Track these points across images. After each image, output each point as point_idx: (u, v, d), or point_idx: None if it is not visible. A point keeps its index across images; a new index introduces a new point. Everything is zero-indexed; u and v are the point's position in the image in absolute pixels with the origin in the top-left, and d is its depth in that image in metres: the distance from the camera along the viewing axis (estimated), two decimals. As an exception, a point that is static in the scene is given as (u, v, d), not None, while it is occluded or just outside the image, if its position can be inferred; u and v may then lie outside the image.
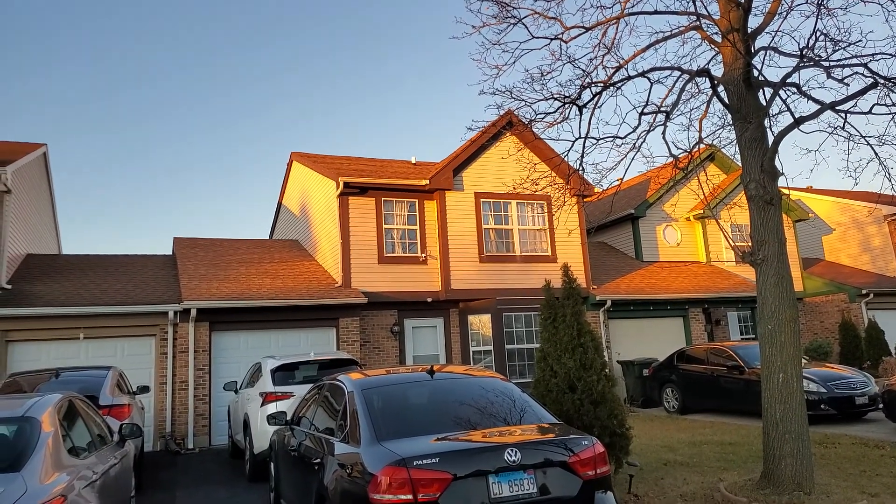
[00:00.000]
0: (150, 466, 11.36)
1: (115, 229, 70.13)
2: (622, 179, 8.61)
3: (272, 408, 9.36)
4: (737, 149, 7.88)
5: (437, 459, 4.49)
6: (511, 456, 4.59)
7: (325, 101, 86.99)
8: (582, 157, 8.24)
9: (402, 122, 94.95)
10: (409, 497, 4.37)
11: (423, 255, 16.49)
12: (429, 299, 16.38)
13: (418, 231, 16.65)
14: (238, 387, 12.06)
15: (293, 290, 15.23)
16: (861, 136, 7.55)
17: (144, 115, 69.76)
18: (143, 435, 8.13)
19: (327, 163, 18.38)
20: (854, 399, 12.54)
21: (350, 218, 15.99)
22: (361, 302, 15.16)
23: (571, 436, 5.01)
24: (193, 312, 13.82)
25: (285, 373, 10.22)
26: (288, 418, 7.28)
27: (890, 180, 7.52)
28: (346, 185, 15.78)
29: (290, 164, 21.14)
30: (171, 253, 18.87)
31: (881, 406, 11.73)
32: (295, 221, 20.91)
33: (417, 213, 16.71)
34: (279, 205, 23.08)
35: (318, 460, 5.54)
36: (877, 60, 6.92)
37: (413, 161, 19.69)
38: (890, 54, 6.89)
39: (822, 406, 12.32)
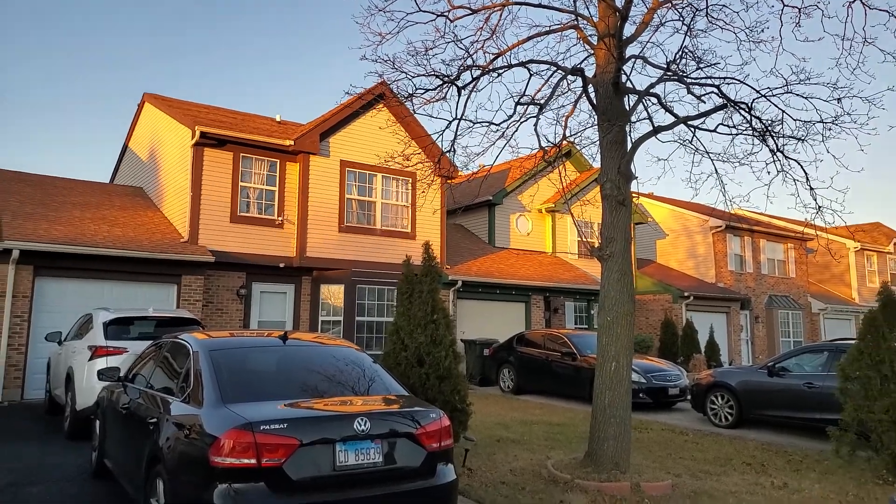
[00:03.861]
0: (-53, 420, 10.27)
1: (-77, 152, 62.13)
2: (490, 165, 8.83)
3: (102, 363, 8.79)
4: (596, 149, 8.34)
5: (285, 425, 4.41)
6: (360, 425, 4.60)
7: (186, 44, 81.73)
8: (455, 138, 8.35)
9: (270, 77, 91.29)
10: (253, 461, 4.28)
11: (280, 218, 16.03)
12: (281, 265, 15.96)
13: (277, 193, 16.13)
14: (62, 338, 11.16)
15: (133, 241, 14.25)
16: (706, 151, 8.26)
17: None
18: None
19: (184, 109, 17.28)
20: (668, 390, 13.79)
21: (203, 171, 15.17)
22: (208, 260, 14.48)
23: (419, 408, 5.12)
24: (15, 254, 12.52)
25: (120, 327, 9.63)
26: (121, 375, 6.86)
27: (724, 194, 8.32)
28: (203, 135, 14.91)
29: (141, 106, 19.64)
30: (-9, 186, 16.95)
31: (689, 397, 13.02)
32: (141, 167, 19.51)
33: (278, 175, 16.18)
34: (125, 147, 21.41)
35: (154, 420, 5.26)
36: (727, 84, 7.58)
37: (278, 119, 19.02)
38: (739, 80, 7.57)
39: (641, 395, 13.41)
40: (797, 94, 7.59)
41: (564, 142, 8.64)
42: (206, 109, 18.12)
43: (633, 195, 8.21)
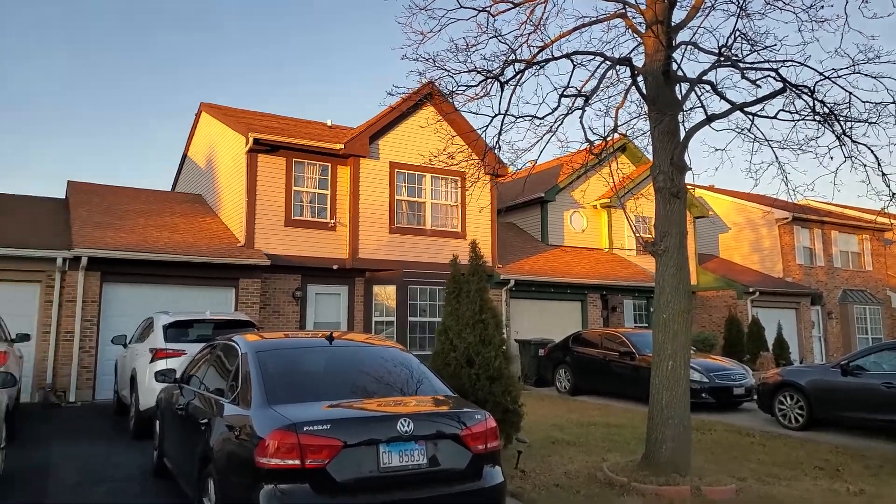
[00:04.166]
0: (26, 419, 10.75)
1: (4, 168, 65.45)
2: (535, 162, 8.67)
3: (162, 364, 9.03)
4: (648, 141, 8.07)
5: (329, 426, 4.40)
6: (403, 426, 4.55)
7: (242, 57, 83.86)
8: (500, 134, 8.21)
9: (321, 84, 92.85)
10: (297, 462, 4.28)
11: (333, 221, 16.18)
12: (335, 266, 16.11)
13: (329, 196, 16.30)
14: (127, 341, 11.56)
15: (193, 246, 14.63)
16: (765, 139, 7.88)
17: (44, 57, 65.04)
18: (17, 384, 7.66)
19: (238, 117, 17.66)
20: (732, 389, 13.27)
21: (258, 176, 15.46)
22: (264, 264, 14.74)
23: (465, 409, 5.03)
24: (84, 261, 13.07)
25: (178, 330, 9.90)
26: (177, 376, 7.01)
27: (787, 184, 7.92)
28: (257, 141, 15.20)
29: (198, 115, 20.19)
30: (64, 197, 17.74)
31: (755, 397, 12.49)
32: (200, 175, 20.04)
33: (329, 178, 16.35)
34: (184, 156, 22.05)
35: (206, 421, 5.34)
36: (787, 67, 7.20)
37: (329, 124, 19.23)
38: (800, 62, 7.17)
39: (703, 395, 12.96)
40: (865, 75, 7.15)
41: (616, 135, 8.40)
42: (259, 116, 18.49)
43: (689, 187, 7.91)
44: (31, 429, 10.05)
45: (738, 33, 7.04)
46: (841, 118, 7.47)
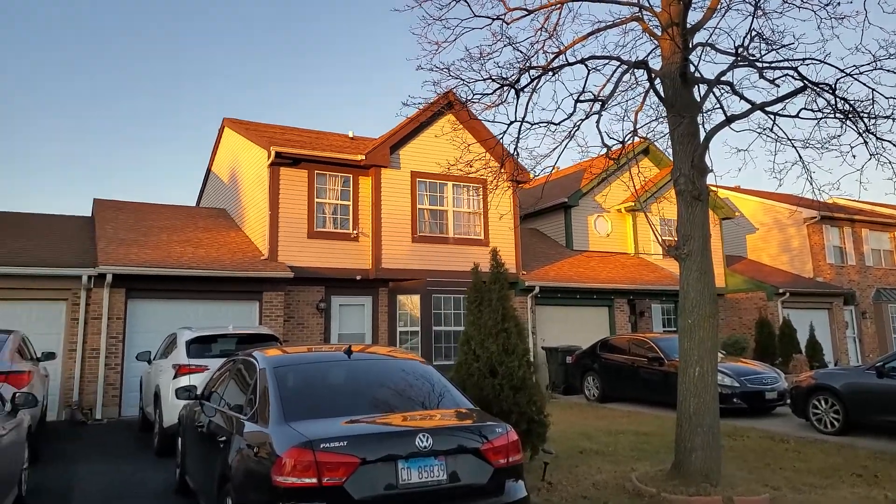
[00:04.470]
0: (52, 437, 10.85)
1: (32, 187, 66.88)
2: (555, 167, 8.57)
3: (185, 381, 9.06)
4: (669, 143, 7.93)
5: (346, 443, 4.33)
6: (422, 441, 4.46)
7: (265, 71, 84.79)
8: (517, 141, 8.14)
9: (343, 96, 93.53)
10: (314, 481, 4.21)
11: (355, 231, 16.20)
12: (358, 277, 16.11)
13: (351, 207, 16.33)
14: (152, 357, 11.62)
15: (216, 261, 14.72)
16: (788, 138, 7.70)
17: (73, 76, 66.38)
18: (38, 404, 7.72)
19: (260, 131, 17.80)
20: (764, 394, 12.98)
21: (280, 189, 15.53)
22: (287, 276, 14.78)
23: (486, 423, 4.93)
24: (109, 278, 13.21)
25: (201, 345, 9.90)
26: (198, 393, 7.01)
27: (811, 183, 7.73)
28: (279, 154, 15.30)
29: (221, 130, 20.39)
30: (90, 215, 17.99)
31: (789, 402, 12.17)
32: (223, 189, 20.22)
33: (351, 189, 16.38)
34: (208, 171, 22.28)
35: (225, 438, 5.32)
36: (807, 65, 7.04)
37: (351, 135, 19.30)
38: (819, 60, 7.01)
39: (735, 400, 12.69)
40: (888, 71, 6.97)
41: (636, 139, 8.27)
42: (281, 130, 18.61)
43: (712, 188, 7.75)
44: (56, 448, 10.13)
45: (754, 33, 6.91)
46: (864, 115, 7.30)
